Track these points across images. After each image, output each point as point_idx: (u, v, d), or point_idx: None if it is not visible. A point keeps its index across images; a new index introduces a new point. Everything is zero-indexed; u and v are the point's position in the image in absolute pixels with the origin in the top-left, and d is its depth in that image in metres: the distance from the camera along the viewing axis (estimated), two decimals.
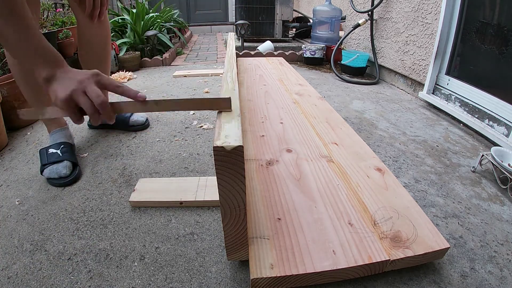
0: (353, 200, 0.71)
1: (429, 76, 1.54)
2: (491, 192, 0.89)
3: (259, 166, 0.84)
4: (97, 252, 0.68)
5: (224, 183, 0.48)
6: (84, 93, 0.54)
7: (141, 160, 1.03)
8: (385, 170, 0.83)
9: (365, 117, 1.39)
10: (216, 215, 0.79)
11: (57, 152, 0.96)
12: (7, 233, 0.73)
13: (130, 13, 2.54)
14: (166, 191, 0.85)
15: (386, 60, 1.95)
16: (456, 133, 1.28)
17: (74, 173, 0.94)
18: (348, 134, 1.02)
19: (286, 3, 2.72)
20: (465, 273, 0.63)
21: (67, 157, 0.95)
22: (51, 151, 0.96)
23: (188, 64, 2.49)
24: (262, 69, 1.80)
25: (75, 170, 0.95)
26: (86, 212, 0.80)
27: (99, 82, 0.56)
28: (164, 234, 0.73)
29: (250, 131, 1.03)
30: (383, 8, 1.93)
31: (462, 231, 0.74)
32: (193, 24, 4.63)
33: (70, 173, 0.93)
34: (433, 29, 1.50)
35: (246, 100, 1.31)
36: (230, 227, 0.54)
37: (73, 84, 0.54)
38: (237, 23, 2.56)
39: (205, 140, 1.17)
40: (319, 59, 2.37)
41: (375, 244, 0.59)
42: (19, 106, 1.26)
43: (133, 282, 0.61)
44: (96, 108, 0.54)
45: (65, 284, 0.60)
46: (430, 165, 1.02)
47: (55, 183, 0.91)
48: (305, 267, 0.55)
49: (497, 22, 1.23)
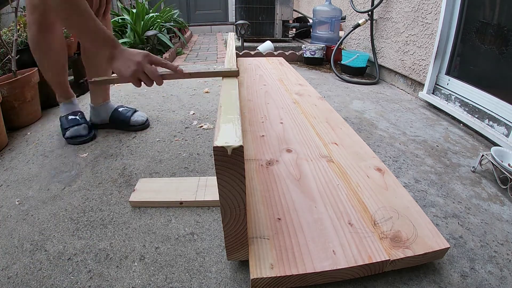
0: (353, 200, 0.71)
1: (429, 76, 1.54)
2: (491, 192, 0.89)
3: (259, 166, 0.84)
4: (97, 252, 0.68)
5: (224, 183, 0.48)
6: (143, 71, 0.76)
7: (141, 160, 1.03)
8: (385, 170, 0.83)
9: (365, 117, 1.39)
10: (216, 215, 0.79)
11: (76, 118, 1.15)
12: (7, 233, 0.73)
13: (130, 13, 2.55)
14: (166, 191, 0.85)
15: (386, 60, 1.95)
16: (456, 133, 1.28)
17: (91, 133, 1.15)
18: (348, 134, 1.02)
19: (286, 3, 2.72)
20: (465, 273, 0.63)
21: (84, 122, 1.16)
22: (70, 117, 1.15)
23: (188, 64, 2.49)
24: (262, 69, 1.80)
25: (91, 131, 1.16)
26: (86, 212, 0.80)
27: (151, 60, 0.77)
28: (164, 234, 0.73)
29: (250, 131, 1.03)
30: (383, 8, 1.93)
31: (462, 231, 0.74)
32: (193, 24, 4.63)
33: (88, 132, 1.14)
34: (433, 29, 1.50)
35: (246, 100, 1.31)
36: (230, 227, 0.54)
37: (133, 64, 0.75)
38: (237, 23, 2.56)
39: (205, 140, 1.17)
40: (319, 59, 2.37)
41: (375, 244, 0.59)
42: (19, 106, 1.26)
43: (133, 282, 0.61)
44: (152, 80, 0.77)
45: (65, 284, 0.60)
46: (430, 165, 1.02)
47: (76, 141, 1.12)
48: (305, 267, 0.55)
49: (497, 22, 1.23)
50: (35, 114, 1.37)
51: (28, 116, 1.32)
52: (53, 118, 1.39)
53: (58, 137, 1.20)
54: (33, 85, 1.31)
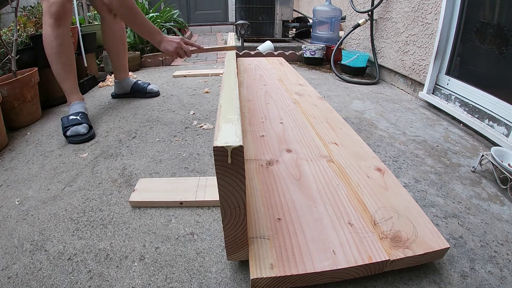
0: (353, 200, 0.71)
1: (429, 76, 1.54)
2: (491, 192, 0.89)
3: (259, 166, 0.84)
4: (97, 252, 0.68)
5: (224, 183, 0.48)
6: (181, 48, 1.25)
7: (141, 160, 1.03)
8: (385, 170, 0.83)
9: (365, 117, 1.39)
10: (216, 215, 0.79)
11: (77, 118, 1.22)
12: (7, 233, 0.73)
13: None
14: (166, 191, 0.85)
15: (386, 60, 1.95)
16: (456, 133, 1.28)
17: (90, 132, 1.20)
18: (348, 134, 1.02)
19: (286, 3, 2.72)
20: (465, 273, 0.63)
21: (84, 121, 1.21)
22: (71, 117, 1.22)
23: (188, 64, 2.49)
24: (262, 69, 1.80)
25: (91, 131, 1.21)
26: (86, 212, 0.80)
27: (185, 42, 1.28)
28: (164, 234, 0.73)
29: (250, 131, 1.03)
30: (383, 8, 1.93)
31: (462, 231, 0.74)
32: (193, 24, 4.62)
33: (87, 132, 1.19)
34: (433, 29, 1.50)
35: (246, 100, 1.31)
36: (230, 227, 0.54)
37: (175, 44, 1.25)
38: (237, 23, 2.56)
39: (205, 140, 1.17)
40: (319, 59, 2.37)
41: (375, 244, 0.59)
42: (19, 106, 1.26)
43: (133, 282, 0.61)
44: (187, 54, 1.27)
45: (65, 284, 0.60)
46: (430, 165, 1.02)
47: (76, 140, 1.16)
48: (305, 267, 0.55)
49: (497, 22, 1.23)
50: (35, 114, 1.37)
51: (28, 116, 1.32)
52: (53, 118, 1.39)
53: (58, 137, 1.20)
54: (33, 85, 1.31)
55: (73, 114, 1.23)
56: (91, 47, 1.91)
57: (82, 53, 1.75)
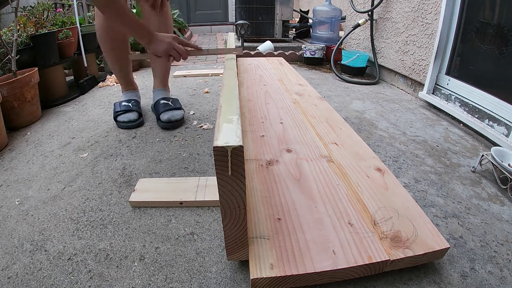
0: (353, 200, 0.71)
1: (429, 76, 1.54)
2: (491, 192, 0.89)
3: (259, 166, 0.84)
4: (97, 252, 0.67)
5: (224, 183, 0.48)
6: (173, 48, 0.98)
7: (141, 160, 1.03)
8: (385, 170, 0.83)
9: (365, 117, 1.39)
10: (216, 215, 0.79)
11: (129, 105, 1.29)
12: (7, 233, 0.73)
13: None
14: (166, 191, 0.85)
15: (386, 60, 1.95)
16: (456, 133, 1.28)
17: (140, 119, 1.27)
18: (348, 134, 1.02)
19: (286, 3, 2.72)
20: (465, 273, 0.63)
21: (135, 109, 1.29)
22: (124, 103, 1.28)
23: (188, 64, 2.49)
24: (262, 69, 1.80)
25: (140, 118, 1.28)
26: (86, 212, 0.80)
27: (179, 41, 1.00)
28: (164, 234, 0.73)
29: (250, 131, 1.03)
30: (383, 8, 1.93)
31: (462, 231, 0.74)
32: (193, 24, 4.62)
33: (137, 118, 1.26)
34: (433, 29, 1.50)
35: (246, 100, 1.31)
36: (230, 227, 0.54)
37: (165, 44, 0.97)
38: (237, 23, 2.55)
39: (205, 140, 1.17)
40: (319, 59, 2.37)
41: (375, 244, 0.59)
42: (19, 106, 1.26)
43: (133, 282, 0.61)
44: (180, 55, 0.99)
45: (65, 284, 0.60)
46: (430, 165, 1.02)
47: (126, 125, 1.24)
48: (305, 267, 0.55)
49: (497, 22, 1.23)
50: (35, 114, 1.37)
51: (28, 116, 1.32)
52: (53, 118, 1.39)
53: (58, 137, 1.20)
54: (33, 85, 1.31)
55: (125, 100, 1.30)
56: (91, 47, 1.91)
57: (82, 53, 1.75)
